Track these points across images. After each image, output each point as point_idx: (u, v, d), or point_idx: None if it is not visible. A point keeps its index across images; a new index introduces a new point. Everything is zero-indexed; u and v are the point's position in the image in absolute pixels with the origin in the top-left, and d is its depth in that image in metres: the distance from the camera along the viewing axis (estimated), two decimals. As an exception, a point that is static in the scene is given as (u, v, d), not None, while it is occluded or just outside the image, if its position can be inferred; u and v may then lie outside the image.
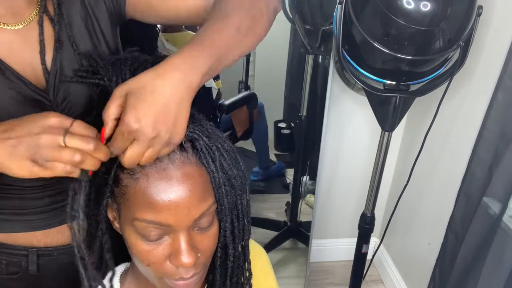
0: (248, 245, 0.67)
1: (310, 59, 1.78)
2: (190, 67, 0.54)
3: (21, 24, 0.67)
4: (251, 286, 0.69)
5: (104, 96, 0.62)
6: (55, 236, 0.78)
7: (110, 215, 0.61)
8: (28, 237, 0.76)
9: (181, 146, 0.55)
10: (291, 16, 1.71)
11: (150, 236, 0.55)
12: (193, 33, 1.77)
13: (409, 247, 1.84)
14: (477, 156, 1.24)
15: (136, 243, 0.56)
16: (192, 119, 0.59)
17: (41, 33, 0.68)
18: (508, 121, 1.13)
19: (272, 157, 2.67)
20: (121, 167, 0.55)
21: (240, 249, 0.65)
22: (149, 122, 0.50)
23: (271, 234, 2.09)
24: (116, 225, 0.61)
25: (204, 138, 0.57)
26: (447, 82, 1.17)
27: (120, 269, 0.70)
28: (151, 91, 0.51)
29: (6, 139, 0.50)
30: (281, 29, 2.06)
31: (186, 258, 0.55)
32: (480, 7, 1.08)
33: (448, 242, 1.39)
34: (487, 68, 1.27)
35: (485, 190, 1.21)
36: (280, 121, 2.51)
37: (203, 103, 1.72)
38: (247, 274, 0.68)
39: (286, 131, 2.46)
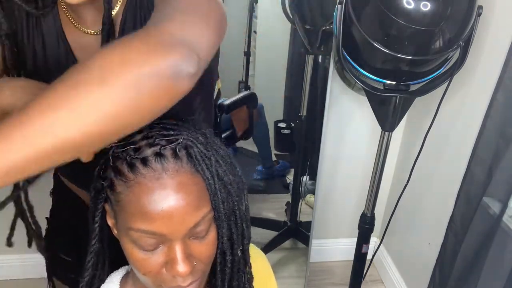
0: (248, 249, 0.66)
1: (310, 59, 1.78)
2: None
3: (98, 31, 0.73)
4: None
5: None
6: None
7: (110, 221, 0.61)
8: (82, 193, 0.89)
9: (175, 154, 0.54)
10: (291, 16, 1.71)
11: (145, 245, 0.55)
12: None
13: (409, 247, 1.84)
14: (477, 156, 1.24)
15: (132, 252, 0.56)
16: (187, 125, 0.58)
17: (105, 36, 0.71)
18: (508, 121, 1.13)
19: (272, 157, 2.67)
20: (114, 171, 0.55)
21: (239, 254, 0.64)
22: None
23: (271, 234, 2.08)
24: (115, 231, 0.61)
25: (199, 145, 0.56)
26: (447, 82, 1.17)
27: (121, 272, 0.70)
28: None
29: None
30: (281, 29, 2.06)
31: (181, 267, 0.54)
32: (480, 7, 1.08)
33: (448, 242, 1.38)
34: (487, 68, 1.27)
35: (485, 190, 1.21)
36: (280, 121, 2.50)
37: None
38: (248, 277, 0.68)
39: (286, 131, 2.45)
